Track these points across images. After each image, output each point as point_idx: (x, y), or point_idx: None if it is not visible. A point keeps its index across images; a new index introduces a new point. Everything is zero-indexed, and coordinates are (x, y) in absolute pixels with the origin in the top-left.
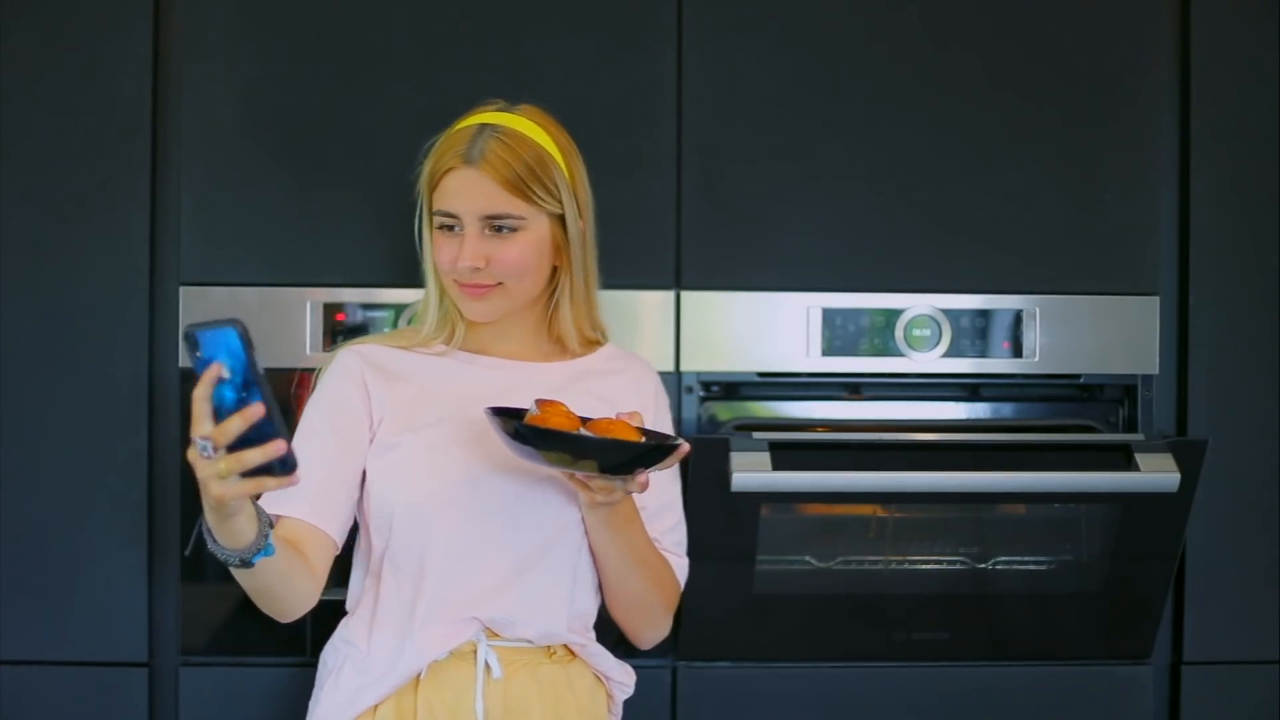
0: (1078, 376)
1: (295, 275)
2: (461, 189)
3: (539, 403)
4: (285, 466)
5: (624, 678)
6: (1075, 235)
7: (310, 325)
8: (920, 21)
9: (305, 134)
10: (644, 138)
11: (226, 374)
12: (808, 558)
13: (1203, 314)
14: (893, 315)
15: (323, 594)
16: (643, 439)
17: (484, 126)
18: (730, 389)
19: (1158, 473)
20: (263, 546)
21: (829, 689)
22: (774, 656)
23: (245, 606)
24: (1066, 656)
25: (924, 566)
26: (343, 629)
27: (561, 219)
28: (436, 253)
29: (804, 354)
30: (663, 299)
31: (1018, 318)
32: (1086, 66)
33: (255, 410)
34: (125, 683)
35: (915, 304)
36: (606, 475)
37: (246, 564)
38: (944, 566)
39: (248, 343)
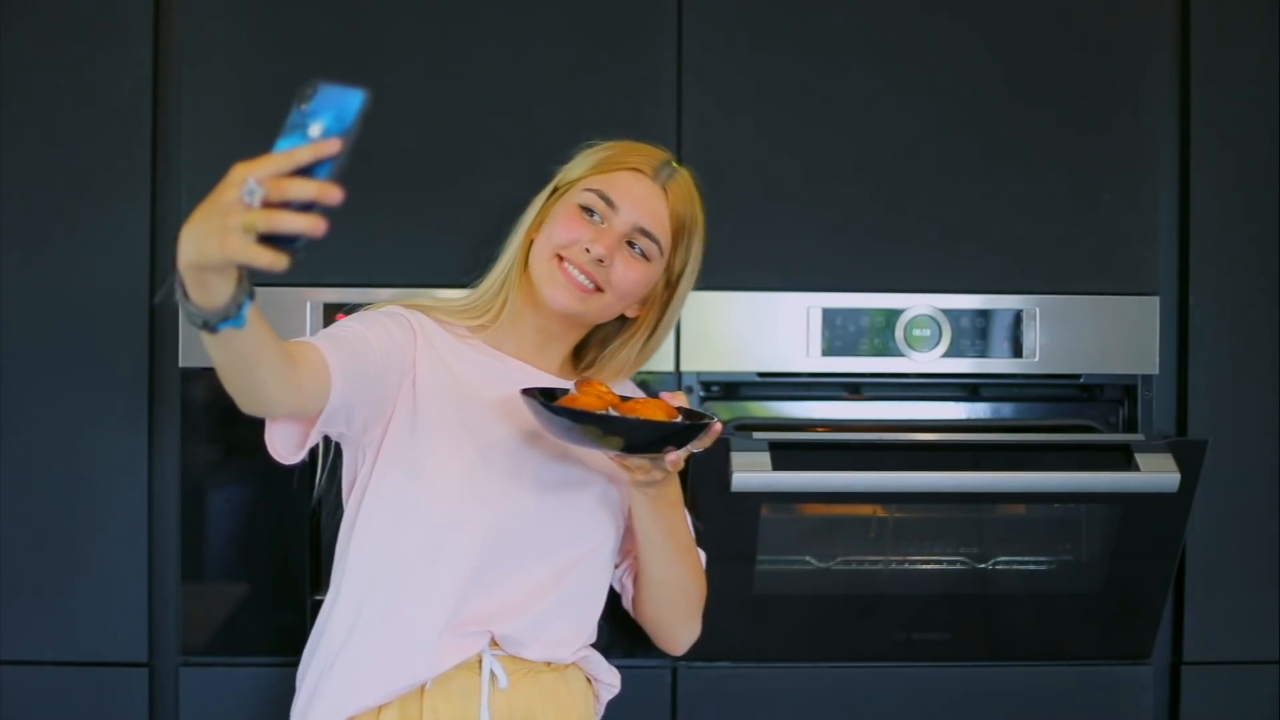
0: (1078, 376)
1: (295, 275)
2: (640, 194)
3: (579, 383)
4: (294, 245)
5: (613, 680)
6: (1075, 235)
7: (310, 325)
8: (921, 22)
9: None
10: (644, 137)
11: (319, 133)
12: (808, 558)
13: (1203, 314)
14: (893, 315)
15: (320, 595)
16: (676, 418)
17: (670, 161)
18: (730, 389)
19: (1158, 473)
20: (233, 315)
21: (829, 689)
22: (774, 656)
23: (245, 606)
24: (1066, 656)
25: (924, 566)
26: (338, 620)
27: (670, 280)
28: (561, 224)
29: (804, 354)
30: None
31: (1018, 318)
32: (1087, 67)
33: (332, 191)
34: (125, 683)
35: (915, 304)
36: (638, 454)
37: (210, 328)
38: (944, 566)
39: (360, 118)
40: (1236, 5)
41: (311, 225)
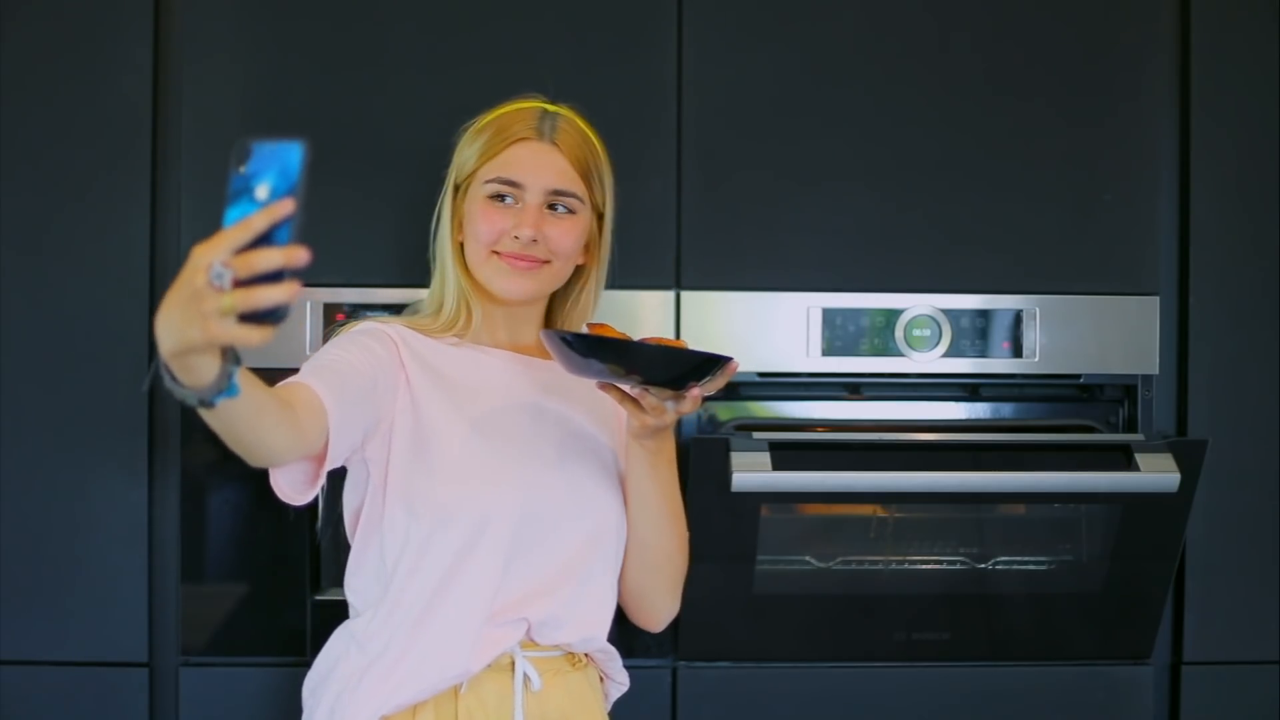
0: (1078, 376)
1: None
2: (533, 160)
3: (590, 326)
4: (276, 315)
5: (624, 679)
6: (1075, 235)
7: (310, 325)
8: (921, 21)
9: (306, 133)
10: (644, 138)
11: (266, 195)
12: (808, 558)
13: (1203, 314)
14: (893, 315)
15: (320, 595)
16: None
17: (545, 110)
18: (730, 389)
19: (1158, 473)
20: (225, 387)
21: (829, 689)
22: (774, 656)
23: (245, 606)
24: (1066, 656)
25: (924, 566)
26: (367, 624)
27: (600, 216)
28: (480, 222)
29: (804, 354)
30: (663, 299)
31: (1018, 318)
32: (1087, 66)
33: (299, 254)
34: (125, 683)
35: (915, 304)
36: (658, 387)
37: (207, 405)
38: (944, 566)
39: (304, 169)
40: (1236, 5)
41: (288, 293)
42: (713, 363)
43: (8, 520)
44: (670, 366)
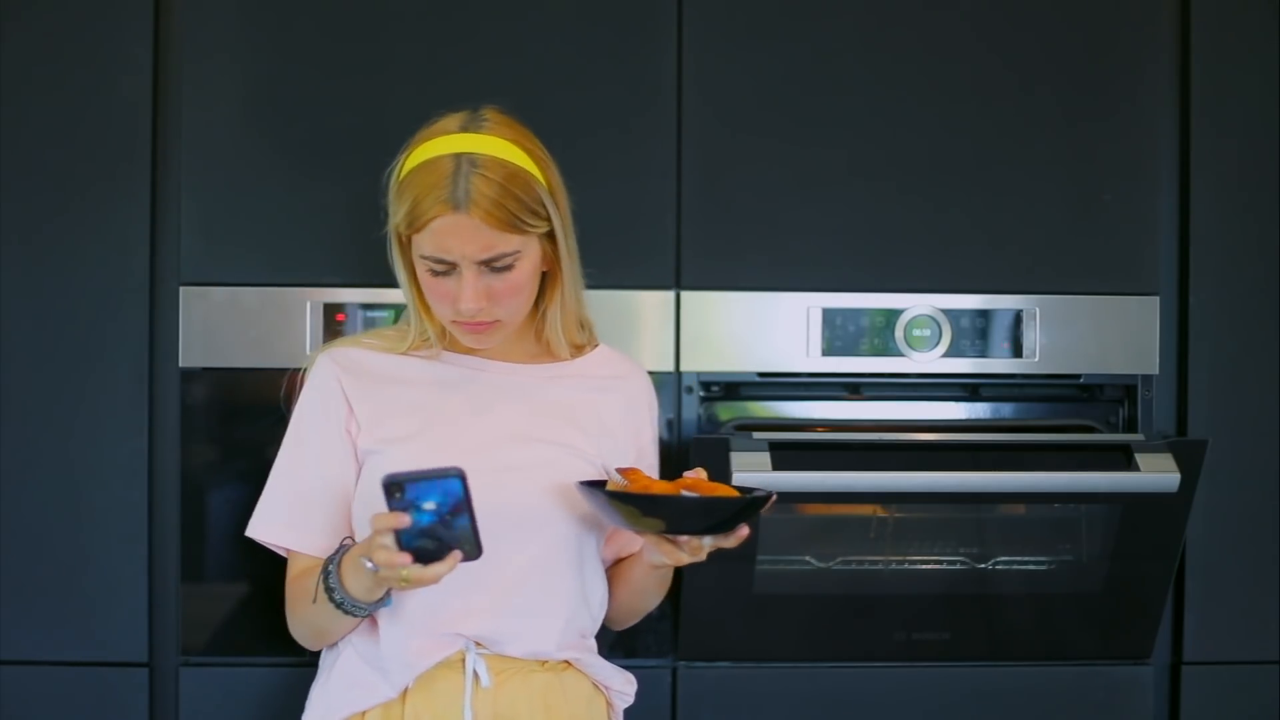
0: (1078, 376)
1: (295, 275)
2: (454, 235)
3: (620, 470)
4: (467, 559)
5: (624, 686)
6: (1075, 235)
7: (310, 325)
8: (921, 21)
9: (306, 133)
10: (644, 138)
11: (432, 508)
12: (808, 558)
13: (1203, 314)
14: (893, 315)
15: None
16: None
17: (459, 159)
18: (730, 389)
19: (1158, 473)
20: (386, 600)
21: (829, 689)
22: (774, 656)
23: (245, 606)
24: (1066, 656)
25: (924, 566)
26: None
27: (550, 234)
28: (429, 293)
29: (804, 354)
30: (663, 299)
31: (1018, 318)
32: (1087, 66)
33: (456, 557)
34: (125, 683)
35: (915, 304)
36: (709, 534)
37: (367, 612)
38: (944, 566)
39: (466, 483)
40: (1236, 5)
41: (448, 568)
42: (753, 506)
43: (8, 520)
44: (708, 516)
